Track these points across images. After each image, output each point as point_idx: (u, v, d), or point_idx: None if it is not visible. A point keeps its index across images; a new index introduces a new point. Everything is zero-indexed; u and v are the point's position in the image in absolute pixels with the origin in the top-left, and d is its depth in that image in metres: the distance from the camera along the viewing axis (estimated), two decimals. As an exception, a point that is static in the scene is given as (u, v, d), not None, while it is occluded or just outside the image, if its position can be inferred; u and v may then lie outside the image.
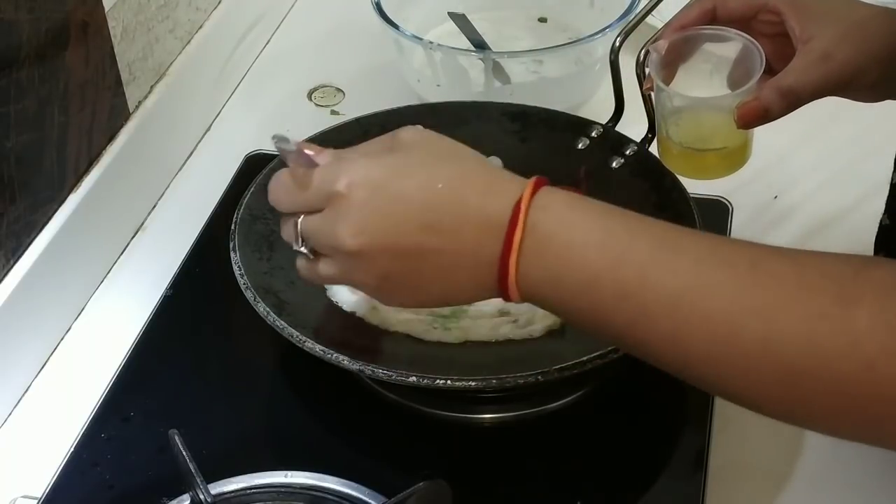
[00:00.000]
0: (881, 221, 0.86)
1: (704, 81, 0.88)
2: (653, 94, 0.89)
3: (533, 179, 0.66)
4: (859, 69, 0.82)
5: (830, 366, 0.57)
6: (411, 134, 0.70)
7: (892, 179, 0.84)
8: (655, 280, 0.61)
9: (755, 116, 0.83)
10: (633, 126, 0.97)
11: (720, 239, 0.65)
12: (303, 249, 0.71)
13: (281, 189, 0.71)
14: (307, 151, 0.70)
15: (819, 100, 0.83)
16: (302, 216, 0.70)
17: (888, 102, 0.88)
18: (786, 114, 0.83)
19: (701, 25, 0.86)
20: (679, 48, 0.87)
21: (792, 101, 0.82)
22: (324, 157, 0.70)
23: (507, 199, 0.65)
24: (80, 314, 0.99)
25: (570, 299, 0.64)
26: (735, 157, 0.89)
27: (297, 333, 0.81)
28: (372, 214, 0.66)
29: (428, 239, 0.66)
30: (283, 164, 0.72)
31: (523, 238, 0.64)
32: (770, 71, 0.84)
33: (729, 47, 0.86)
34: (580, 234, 0.64)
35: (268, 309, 0.82)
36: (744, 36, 0.85)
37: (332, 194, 0.67)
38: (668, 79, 0.88)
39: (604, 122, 0.99)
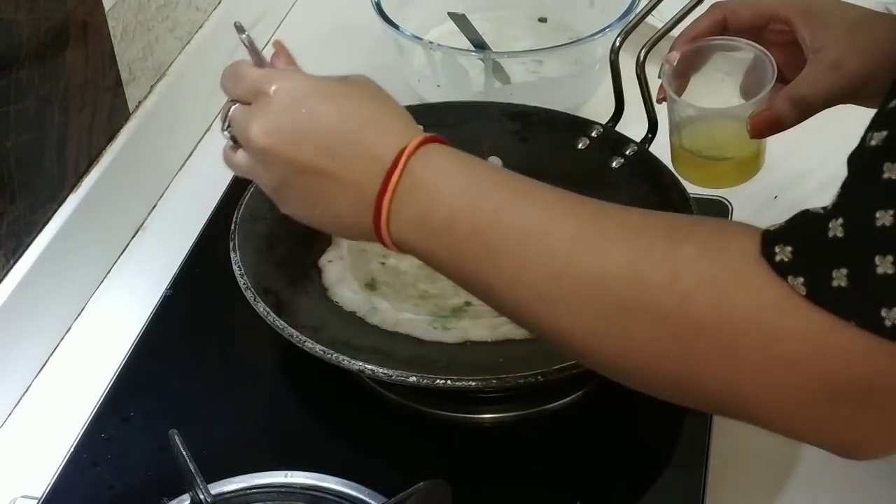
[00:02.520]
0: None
1: (717, 91, 0.88)
2: (666, 103, 0.89)
3: (426, 134, 0.70)
4: (870, 77, 0.82)
5: (651, 300, 0.59)
6: (362, 78, 0.75)
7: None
8: (505, 220, 0.65)
9: (768, 126, 0.83)
10: (633, 126, 0.97)
11: (574, 194, 0.67)
12: (226, 134, 0.75)
13: (228, 75, 0.76)
14: (256, 47, 0.78)
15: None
16: (236, 105, 0.74)
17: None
18: (798, 123, 0.84)
19: (712, 36, 0.87)
20: (691, 59, 0.87)
21: (803, 110, 0.83)
22: (278, 62, 0.78)
23: (398, 144, 0.68)
24: (80, 314, 0.99)
25: (431, 240, 0.67)
26: (748, 166, 0.89)
27: (297, 333, 0.81)
28: (284, 121, 0.71)
29: (322, 161, 0.70)
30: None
31: (400, 179, 0.67)
32: (782, 79, 0.85)
33: (740, 57, 0.87)
34: (448, 178, 0.68)
35: (268, 309, 0.82)
36: (755, 46, 0.85)
37: (260, 92, 0.72)
38: (680, 89, 0.88)
39: (604, 122, 0.99)
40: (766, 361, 0.56)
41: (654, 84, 0.93)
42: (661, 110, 0.95)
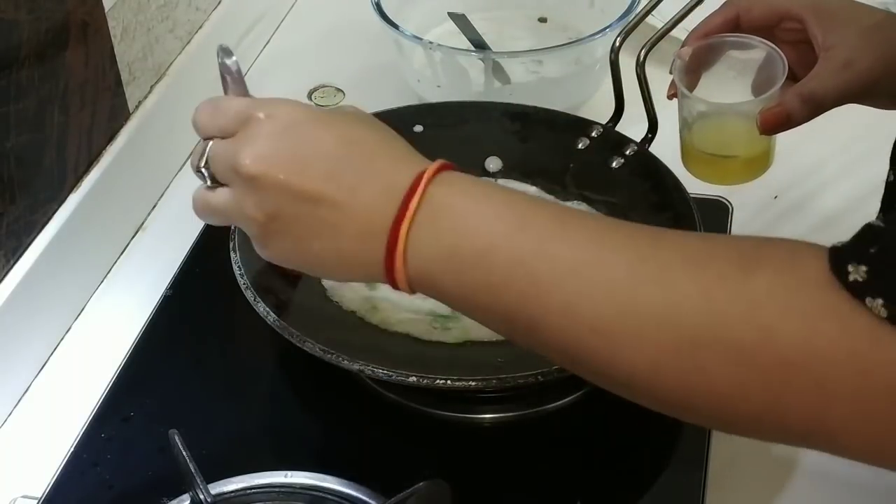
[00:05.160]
0: (876, 219, 0.86)
1: (727, 88, 0.88)
2: (676, 100, 0.89)
3: (440, 161, 0.64)
4: (880, 77, 0.82)
5: (729, 333, 0.55)
6: (352, 108, 0.71)
7: (888, 178, 0.84)
8: (552, 249, 0.60)
9: (777, 122, 0.83)
10: (633, 126, 0.97)
11: (620, 221, 0.64)
12: (203, 171, 0.69)
13: (207, 108, 0.70)
14: (242, 76, 0.72)
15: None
16: (215, 139, 0.69)
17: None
18: (807, 120, 0.84)
19: (725, 33, 0.87)
20: (703, 55, 0.87)
21: (814, 107, 0.83)
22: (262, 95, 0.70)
23: (412, 170, 0.63)
24: (80, 314, 0.99)
25: (462, 273, 0.62)
26: (757, 164, 0.89)
27: (298, 333, 0.81)
28: (280, 145, 0.65)
29: (326, 187, 0.64)
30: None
31: (419, 206, 0.62)
32: (793, 78, 0.85)
33: (752, 55, 0.87)
34: (479, 203, 0.62)
35: (268, 309, 0.82)
36: (767, 43, 0.85)
37: (249, 118, 0.67)
38: (691, 85, 0.88)
39: (604, 122, 0.99)
40: (863, 392, 0.54)
41: (654, 84, 0.94)
42: (661, 111, 0.95)
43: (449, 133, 1.01)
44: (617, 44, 0.95)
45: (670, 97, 0.90)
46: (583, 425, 0.86)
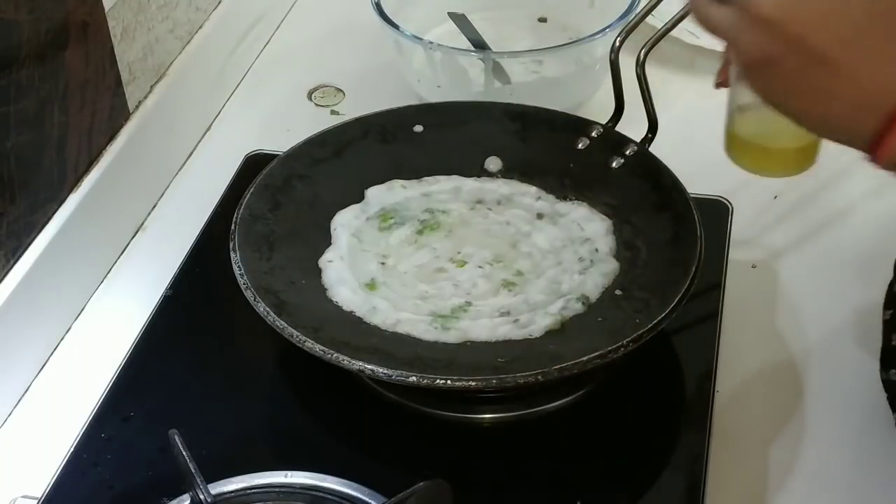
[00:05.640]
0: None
1: None
2: (728, 88, 0.88)
3: None
4: None
5: None
6: None
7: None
8: None
9: None
10: (633, 126, 0.97)
11: None
12: None
13: None
14: None
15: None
16: None
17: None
18: None
19: None
20: None
21: None
22: None
23: None
24: (80, 314, 1.00)
25: None
26: (804, 156, 0.88)
27: (297, 333, 0.81)
28: None
29: (839, 53, 0.60)
30: None
31: None
32: None
33: None
34: None
35: (268, 309, 0.82)
36: None
37: None
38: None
39: (604, 122, 0.99)
40: None
41: (654, 84, 0.94)
42: (661, 111, 0.95)
43: (449, 133, 1.01)
44: (617, 44, 0.95)
45: (718, 86, 0.88)
46: (583, 425, 0.86)
